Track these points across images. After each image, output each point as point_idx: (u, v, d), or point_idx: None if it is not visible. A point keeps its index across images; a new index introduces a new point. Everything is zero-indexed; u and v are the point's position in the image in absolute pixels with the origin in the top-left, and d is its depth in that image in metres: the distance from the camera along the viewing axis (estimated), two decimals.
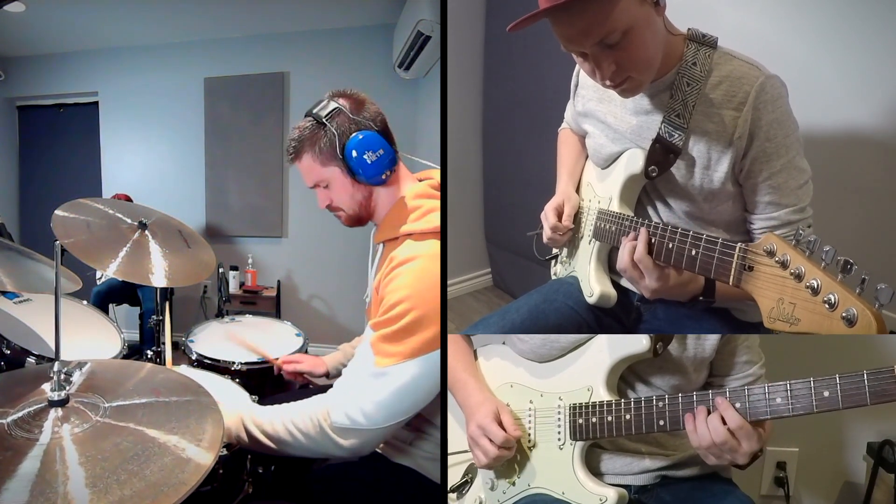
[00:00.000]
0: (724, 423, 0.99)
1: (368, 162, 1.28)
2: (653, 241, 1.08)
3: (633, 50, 1.06)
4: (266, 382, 1.85)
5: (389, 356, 1.19)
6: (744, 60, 1.15)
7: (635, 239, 1.10)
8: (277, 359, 1.81)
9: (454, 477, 1.30)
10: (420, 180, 1.39)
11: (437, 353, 1.19)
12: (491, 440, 1.17)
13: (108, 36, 4.25)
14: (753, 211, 1.18)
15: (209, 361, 1.90)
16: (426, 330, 1.18)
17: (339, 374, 1.75)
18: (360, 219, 1.39)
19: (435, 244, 1.24)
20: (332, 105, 1.31)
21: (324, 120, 1.30)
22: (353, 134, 1.29)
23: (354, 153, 1.28)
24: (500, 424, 1.18)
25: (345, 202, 1.36)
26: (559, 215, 1.41)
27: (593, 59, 1.08)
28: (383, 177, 1.31)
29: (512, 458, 1.22)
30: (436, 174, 1.40)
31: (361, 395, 1.21)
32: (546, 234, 1.44)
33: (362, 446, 1.23)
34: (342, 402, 1.22)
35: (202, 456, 0.89)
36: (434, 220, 1.26)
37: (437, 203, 1.29)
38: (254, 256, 4.25)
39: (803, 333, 0.81)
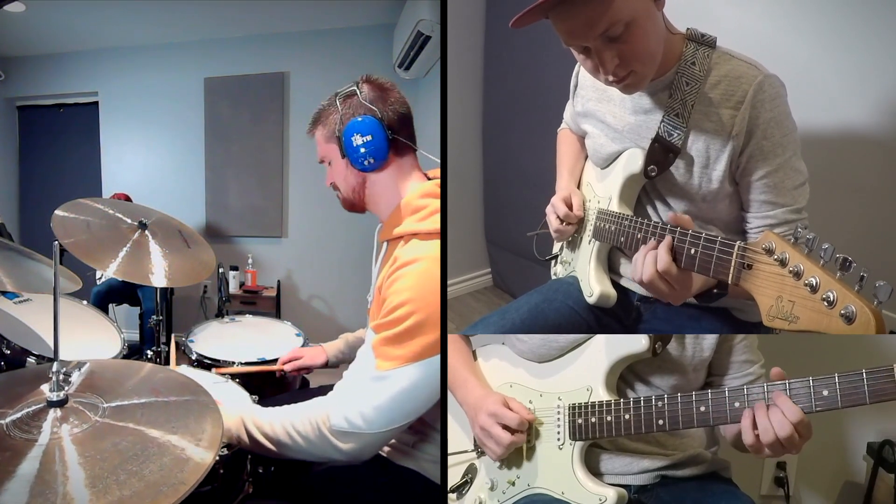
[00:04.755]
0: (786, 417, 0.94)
1: (354, 144, 1.28)
2: (651, 239, 1.08)
3: (635, 43, 1.06)
4: (266, 382, 1.85)
5: (391, 359, 1.18)
6: (743, 60, 1.15)
7: (653, 248, 1.05)
8: (275, 361, 1.82)
9: (454, 477, 1.30)
10: (429, 178, 1.38)
11: (439, 356, 1.18)
12: (504, 426, 1.16)
13: (108, 36, 4.25)
14: (749, 210, 1.19)
15: (209, 361, 1.90)
16: (428, 334, 1.17)
17: (338, 363, 1.76)
18: (353, 204, 1.39)
19: (439, 245, 1.23)
20: (350, 88, 1.33)
21: (336, 100, 1.33)
22: (355, 117, 1.30)
23: (345, 135, 1.30)
24: (511, 410, 1.18)
25: (340, 183, 1.38)
26: (569, 206, 1.41)
27: (596, 53, 1.08)
28: (366, 163, 1.30)
29: (512, 457, 1.22)
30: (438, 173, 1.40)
31: (361, 398, 1.20)
32: (554, 225, 1.44)
33: (362, 450, 1.22)
34: (342, 406, 1.21)
35: (201, 455, 0.89)
36: (439, 221, 1.26)
37: None
38: (254, 256, 4.25)
39: (802, 331, 0.81)
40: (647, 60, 1.11)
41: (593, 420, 1.13)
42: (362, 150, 1.29)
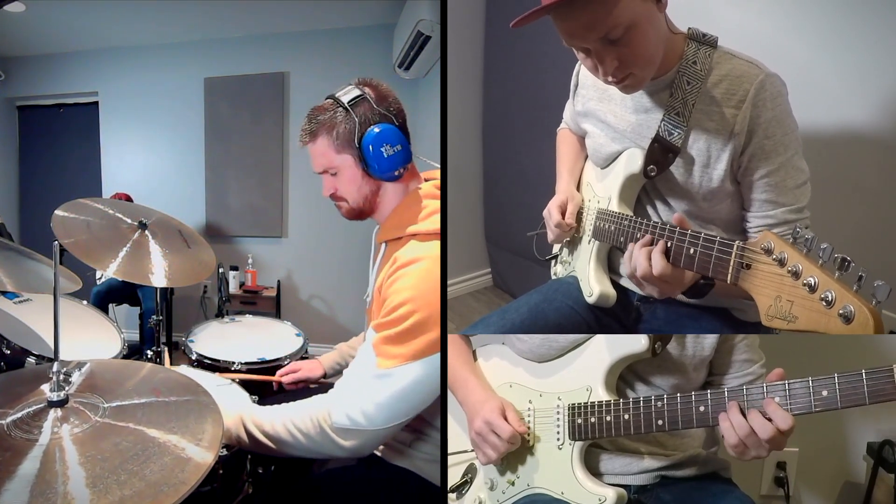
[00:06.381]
0: (770, 420, 0.95)
1: (385, 156, 1.25)
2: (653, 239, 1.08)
3: (635, 46, 1.07)
4: (266, 384, 1.85)
5: (392, 358, 1.19)
6: (744, 59, 1.15)
7: (648, 244, 1.06)
8: (276, 362, 1.82)
9: (454, 477, 1.30)
10: (426, 180, 1.38)
11: (439, 355, 1.19)
12: (498, 435, 1.17)
13: (108, 36, 4.25)
14: (750, 209, 1.19)
15: (209, 361, 1.90)
16: (429, 332, 1.17)
17: (335, 374, 1.76)
18: (361, 212, 1.36)
19: (439, 246, 1.23)
20: (356, 92, 1.28)
21: (347, 105, 1.27)
22: (374, 125, 1.26)
23: (371, 145, 1.25)
24: (506, 420, 1.18)
25: (350, 193, 1.33)
26: (562, 213, 1.41)
27: (596, 54, 1.09)
28: (396, 173, 1.28)
29: (512, 458, 1.22)
30: (437, 174, 1.40)
31: (363, 396, 1.21)
32: (551, 231, 1.44)
33: (362, 447, 1.23)
34: (343, 403, 1.22)
35: (202, 455, 0.89)
36: (438, 221, 1.26)
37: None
38: (254, 256, 4.25)
39: (801, 331, 0.81)
40: (646, 63, 1.11)
41: (593, 420, 1.13)
42: (391, 160, 1.26)
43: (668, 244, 1.04)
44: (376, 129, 1.26)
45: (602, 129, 1.34)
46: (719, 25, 1.23)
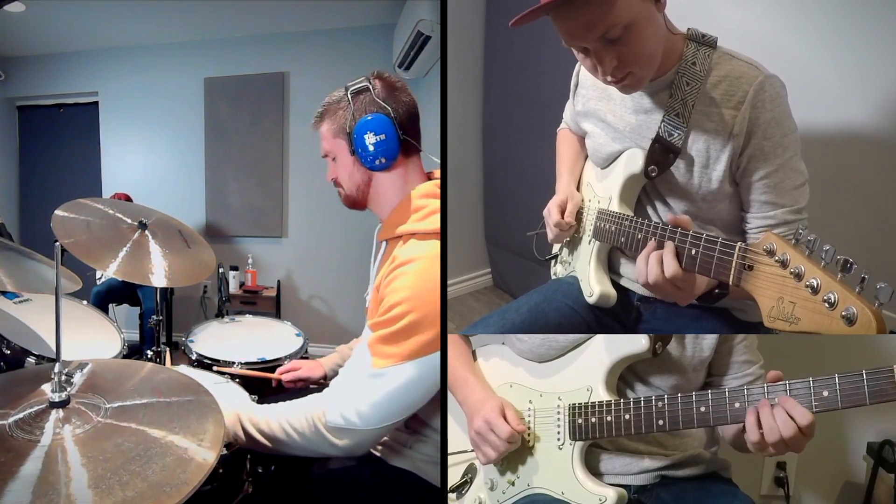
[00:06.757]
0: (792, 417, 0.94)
1: (368, 143, 1.28)
2: (651, 240, 1.08)
3: (634, 45, 1.07)
4: (266, 383, 1.85)
5: (387, 357, 1.19)
6: (743, 60, 1.16)
7: (654, 249, 1.05)
8: (276, 361, 1.82)
9: (454, 477, 1.30)
10: (430, 178, 1.38)
11: (435, 355, 1.18)
12: (498, 435, 1.17)
13: (108, 36, 4.25)
14: (749, 210, 1.19)
15: (209, 361, 1.90)
16: (425, 332, 1.18)
17: (335, 375, 1.76)
18: (355, 201, 1.39)
19: (438, 245, 1.23)
20: (363, 83, 1.32)
21: (348, 94, 1.31)
22: (367, 114, 1.29)
23: (358, 133, 1.29)
24: (505, 419, 1.18)
25: (344, 180, 1.37)
26: (562, 212, 1.41)
27: (595, 54, 1.09)
28: (377, 162, 1.30)
29: (512, 458, 1.22)
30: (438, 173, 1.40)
31: (357, 395, 1.21)
32: (550, 230, 1.44)
33: (357, 446, 1.23)
34: (338, 402, 1.22)
35: (204, 456, 0.89)
36: (438, 221, 1.26)
37: None
38: (254, 256, 4.25)
39: (803, 333, 0.82)
40: (645, 63, 1.11)
41: (593, 420, 1.14)
42: (375, 148, 1.28)
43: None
44: (368, 118, 1.28)
45: (602, 128, 1.34)
46: (719, 25, 1.23)
